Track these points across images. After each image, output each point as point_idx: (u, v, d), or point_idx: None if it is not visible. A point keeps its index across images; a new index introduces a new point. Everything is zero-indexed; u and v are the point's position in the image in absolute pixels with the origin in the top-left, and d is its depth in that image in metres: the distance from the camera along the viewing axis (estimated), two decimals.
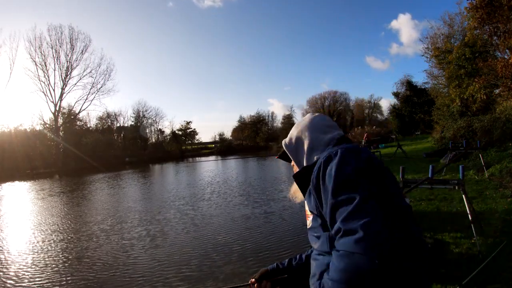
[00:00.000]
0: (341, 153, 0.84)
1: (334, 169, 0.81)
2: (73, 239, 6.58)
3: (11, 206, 11.62)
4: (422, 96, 31.34)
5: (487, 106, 12.93)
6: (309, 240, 1.03)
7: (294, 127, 1.15)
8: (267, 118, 54.54)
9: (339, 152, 0.85)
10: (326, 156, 0.87)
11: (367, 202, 0.73)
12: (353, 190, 0.76)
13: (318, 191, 0.86)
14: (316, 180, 0.86)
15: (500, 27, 9.73)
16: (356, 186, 0.76)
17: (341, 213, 0.75)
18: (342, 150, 0.85)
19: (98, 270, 4.80)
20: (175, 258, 5.08)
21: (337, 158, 0.83)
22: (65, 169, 29.63)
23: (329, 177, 0.81)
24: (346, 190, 0.77)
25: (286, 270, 1.21)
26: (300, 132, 1.09)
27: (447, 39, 17.76)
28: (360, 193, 0.75)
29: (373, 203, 0.74)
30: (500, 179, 6.91)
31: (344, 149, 0.86)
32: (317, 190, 0.86)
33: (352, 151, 0.86)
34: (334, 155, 0.85)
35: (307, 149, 1.04)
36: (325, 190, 0.82)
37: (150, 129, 46.62)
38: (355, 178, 0.78)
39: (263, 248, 5.23)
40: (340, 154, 0.84)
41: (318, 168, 0.86)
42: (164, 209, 8.85)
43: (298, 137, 1.09)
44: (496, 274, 2.96)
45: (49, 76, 34.72)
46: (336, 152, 0.86)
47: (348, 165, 0.81)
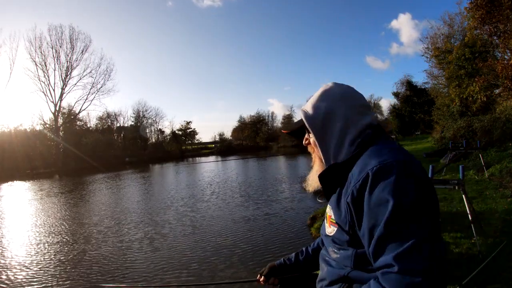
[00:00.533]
0: (398, 170, 0.69)
1: (391, 194, 0.66)
2: (70, 241, 6.48)
3: (10, 206, 11.62)
4: (422, 96, 31.38)
5: (487, 106, 12.92)
6: (323, 243, 0.98)
7: (319, 96, 0.91)
8: (267, 118, 54.61)
9: (396, 169, 0.69)
10: (377, 167, 0.70)
11: (427, 241, 0.64)
12: (411, 223, 0.65)
13: (358, 207, 0.73)
14: (357, 194, 0.72)
15: (500, 27, 9.72)
16: (417, 219, 0.65)
17: (393, 248, 0.65)
18: (400, 166, 0.69)
19: (94, 275, 4.71)
20: (174, 262, 4.97)
21: (393, 177, 0.68)
22: (65, 169, 29.60)
23: (382, 200, 0.68)
24: (404, 222, 0.65)
25: (293, 266, 1.20)
26: (331, 106, 0.87)
27: (447, 39, 17.76)
28: (421, 228, 0.65)
29: (433, 243, 0.65)
30: (500, 179, 6.90)
31: (402, 163, 0.70)
32: (357, 205, 0.73)
33: (410, 169, 0.70)
34: (388, 170, 0.69)
35: (340, 131, 0.84)
36: (373, 213, 0.69)
37: (150, 129, 46.69)
38: (416, 210, 0.66)
39: (265, 251, 5.16)
40: (398, 172, 0.68)
41: (364, 180, 0.71)
42: (163, 210, 8.78)
43: (328, 111, 0.86)
44: (496, 274, 2.95)
45: (49, 76, 34.76)
46: (391, 166, 0.69)
47: (409, 191, 0.67)
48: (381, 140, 0.82)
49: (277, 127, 52.64)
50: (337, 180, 0.81)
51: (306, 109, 0.91)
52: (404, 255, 0.63)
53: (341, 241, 0.84)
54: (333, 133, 0.85)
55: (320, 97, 0.90)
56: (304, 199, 9.19)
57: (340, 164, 0.81)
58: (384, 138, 0.83)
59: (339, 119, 0.84)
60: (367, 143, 0.81)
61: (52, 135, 33.66)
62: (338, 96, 0.88)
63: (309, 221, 6.51)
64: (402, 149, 0.78)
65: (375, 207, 0.68)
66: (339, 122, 0.84)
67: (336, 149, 0.84)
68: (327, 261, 0.91)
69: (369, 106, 0.91)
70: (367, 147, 0.80)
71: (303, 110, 0.92)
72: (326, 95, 0.90)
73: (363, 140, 0.82)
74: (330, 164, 0.85)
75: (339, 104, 0.86)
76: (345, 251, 0.82)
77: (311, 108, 0.90)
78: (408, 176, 0.68)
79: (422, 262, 0.62)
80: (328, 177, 0.84)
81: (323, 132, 0.86)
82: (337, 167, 0.82)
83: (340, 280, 0.84)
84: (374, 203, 0.69)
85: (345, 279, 0.82)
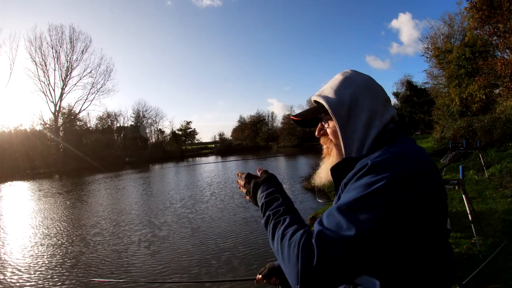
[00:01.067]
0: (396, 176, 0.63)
1: (371, 186, 0.63)
2: (67, 243, 6.41)
3: (10, 206, 11.62)
4: (422, 96, 31.36)
5: (487, 106, 12.91)
6: None
7: (341, 82, 0.83)
8: (267, 118, 54.66)
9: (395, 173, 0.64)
10: (379, 160, 0.67)
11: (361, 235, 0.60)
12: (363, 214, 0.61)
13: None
14: (351, 176, 0.70)
15: (500, 26, 9.72)
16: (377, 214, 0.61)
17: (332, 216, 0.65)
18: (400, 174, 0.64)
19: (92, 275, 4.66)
20: (174, 266, 4.87)
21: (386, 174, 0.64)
22: (65, 169, 29.61)
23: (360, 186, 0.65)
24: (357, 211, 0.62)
25: None
26: (357, 94, 0.80)
27: (447, 39, 17.76)
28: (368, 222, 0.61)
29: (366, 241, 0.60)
30: (500, 179, 6.90)
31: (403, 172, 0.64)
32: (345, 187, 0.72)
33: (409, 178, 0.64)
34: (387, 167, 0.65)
35: (365, 123, 0.78)
36: (347, 192, 0.68)
37: (150, 129, 46.75)
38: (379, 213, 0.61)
39: (268, 255, 5.08)
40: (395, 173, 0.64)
41: (362, 167, 0.68)
42: (163, 212, 8.71)
43: (354, 99, 0.79)
44: (496, 274, 2.95)
45: (49, 76, 34.82)
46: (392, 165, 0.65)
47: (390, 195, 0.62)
48: (400, 139, 0.78)
49: (277, 127, 52.69)
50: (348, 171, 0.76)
51: (328, 95, 0.82)
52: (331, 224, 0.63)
53: None
54: (358, 124, 0.78)
55: (343, 84, 0.82)
56: (304, 199, 9.19)
57: (353, 159, 0.76)
58: (403, 137, 0.79)
59: (365, 110, 0.78)
60: (388, 140, 0.77)
61: (52, 135, 33.68)
62: (362, 85, 0.81)
63: (309, 221, 6.51)
64: (418, 151, 0.73)
65: (350, 189, 0.67)
66: (364, 113, 0.78)
67: (359, 143, 0.78)
68: None
69: (390, 99, 0.86)
70: (386, 144, 0.76)
71: (323, 95, 0.83)
72: (349, 82, 0.82)
73: (386, 136, 0.78)
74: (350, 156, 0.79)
75: (365, 93, 0.80)
76: None
77: (333, 94, 0.81)
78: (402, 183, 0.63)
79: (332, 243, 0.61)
80: (341, 170, 0.78)
81: (347, 121, 0.79)
82: (352, 161, 0.76)
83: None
84: (353, 186, 0.67)
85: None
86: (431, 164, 0.72)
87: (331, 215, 0.66)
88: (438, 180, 0.71)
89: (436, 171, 0.72)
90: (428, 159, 0.73)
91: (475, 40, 12.51)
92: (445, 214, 0.72)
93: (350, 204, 0.64)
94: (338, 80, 0.84)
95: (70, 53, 35.53)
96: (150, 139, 46.30)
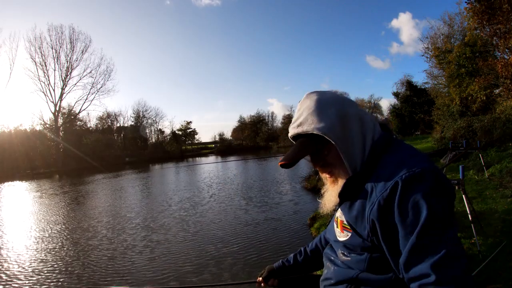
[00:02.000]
0: (430, 179, 0.67)
1: (425, 203, 0.64)
2: (62, 247, 6.34)
3: (10, 207, 11.62)
4: (422, 96, 31.36)
5: (487, 106, 12.91)
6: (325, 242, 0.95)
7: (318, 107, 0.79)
8: (267, 118, 54.65)
9: (427, 177, 0.67)
10: (407, 176, 0.67)
11: (461, 251, 0.64)
12: (445, 232, 0.64)
13: (385, 216, 0.69)
14: (384, 203, 0.68)
15: (500, 27, 9.72)
16: (447, 227, 0.65)
17: (429, 257, 0.63)
18: (430, 175, 0.67)
19: (91, 279, 4.62)
20: (173, 270, 4.79)
21: (425, 185, 0.66)
22: (65, 169, 29.61)
23: (415, 209, 0.65)
24: (438, 231, 0.64)
25: (292, 267, 1.19)
26: (340, 110, 0.79)
27: (447, 39, 17.77)
28: (451, 235, 0.64)
29: (461, 247, 0.65)
30: (500, 179, 6.89)
31: (431, 172, 0.68)
32: (383, 215, 0.69)
33: (439, 178, 0.68)
34: (419, 179, 0.67)
35: (360, 133, 0.78)
36: (405, 222, 0.66)
37: (150, 129, 46.76)
38: (448, 219, 0.65)
39: (268, 257, 5.01)
40: (430, 181, 0.67)
41: (393, 189, 0.68)
42: (161, 214, 8.62)
43: (340, 116, 0.78)
44: (496, 274, 2.95)
45: (49, 76, 34.84)
46: (422, 175, 0.67)
47: (441, 201, 0.66)
48: (394, 141, 0.79)
49: (277, 127, 52.67)
50: (356, 187, 0.76)
51: (313, 125, 0.77)
52: (440, 264, 0.62)
53: (355, 246, 0.81)
54: (355, 136, 0.78)
55: (320, 106, 0.79)
56: (304, 199, 9.19)
57: (360, 174, 0.76)
58: (395, 139, 0.81)
59: (354, 120, 0.78)
60: (384, 144, 0.78)
61: (52, 135, 33.67)
62: (337, 98, 0.81)
63: (309, 221, 6.51)
64: (420, 153, 0.76)
65: (407, 217, 0.66)
66: (355, 123, 0.78)
67: (362, 154, 0.78)
68: (333, 261, 0.89)
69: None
70: (385, 150, 0.77)
71: (314, 127, 0.77)
72: (325, 102, 0.80)
73: (380, 140, 0.78)
74: (356, 171, 0.78)
75: (345, 104, 0.80)
76: (358, 255, 0.80)
77: (319, 121, 0.77)
78: (439, 185, 0.67)
79: (459, 271, 0.62)
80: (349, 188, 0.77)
81: (345, 139, 0.77)
82: (357, 177, 0.76)
83: (347, 281, 0.82)
84: (406, 212, 0.66)
85: (354, 280, 0.80)
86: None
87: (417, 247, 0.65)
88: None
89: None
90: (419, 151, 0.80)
91: (475, 40, 12.51)
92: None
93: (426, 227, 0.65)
94: (313, 106, 0.80)
95: (70, 53, 35.60)
96: (150, 139, 46.32)
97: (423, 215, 0.64)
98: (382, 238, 0.71)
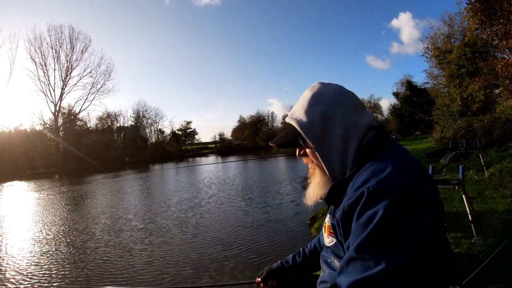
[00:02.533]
0: (394, 196, 0.61)
1: (376, 219, 0.60)
2: (61, 247, 6.27)
3: (9, 207, 11.62)
4: (422, 96, 31.41)
5: (487, 106, 12.91)
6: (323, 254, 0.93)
7: (309, 100, 0.81)
8: (267, 118, 54.59)
9: (392, 193, 0.61)
10: (374, 188, 0.63)
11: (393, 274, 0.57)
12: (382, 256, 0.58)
13: (346, 223, 0.69)
14: (348, 210, 0.67)
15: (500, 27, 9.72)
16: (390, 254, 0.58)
17: (352, 273, 0.62)
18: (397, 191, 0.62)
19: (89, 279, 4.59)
20: (172, 270, 4.73)
21: (385, 201, 0.61)
22: (65, 169, 29.62)
23: (367, 222, 0.62)
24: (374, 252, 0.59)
25: (291, 268, 1.20)
26: (327, 109, 0.78)
27: (447, 39, 17.79)
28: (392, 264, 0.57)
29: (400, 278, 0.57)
30: (500, 179, 6.90)
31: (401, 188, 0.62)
32: (345, 221, 0.69)
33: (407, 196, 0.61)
34: (384, 194, 0.62)
35: (342, 138, 0.76)
36: (355, 233, 0.64)
37: (150, 129, 46.74)
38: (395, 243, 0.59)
39: (267, 257, 4.94)
40: (393, 199, 0.61)
41: (357, 198, 0.65)
42: (161, 215, 8.56)
43: (325, 116, 0.77)
44: (496, 274, 2.95)
45: (49, 76, 34.85)
46: (388, 190, 0.62)
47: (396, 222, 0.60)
48: (384, 146, 0.75)
49: (277, 127, 52.67)
50: (340, 192, 0.75)
51: (299, 117, 0.81)
52: (356, 285, 0.60)
53: (338, 251, 0.80)
54: (335, 140, 0.76)
55: (312, 102, 0.80)
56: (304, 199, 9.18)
57: (342, 181, 0.74)
58: (388, 142, 0.77)
59: (339, 123, 0.76)
60: (371, 150, 0.74)
61: (52, 135, 33.68)
62: (331, 97, 0.79)
63: (309, 221, 6.51)
64: (406, 159, 0.71)
65: (358, 228, 0.63)
66: (339, 127, 0.76)
67: (341, 159, 0.76)
68: (329, 264, 0.88)
69: (364, 104, 0.83)
70: (371, 155, 0.73)
71: (295, 118, 0.81)
72: (317, 99, 0.80)
73: (367, 146, 0.75)
74: (335, 175, 0.78)
75: (335, 106, 0.78)
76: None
77: (304, 115, 0.80)
78: (404, 204, 0.61)
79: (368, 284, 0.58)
80: (333, 195, 0.77)
81: (323, 140, 0.77)
82: (342, 183, 0.74)
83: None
84: (359, 223, 0.63)
85: None
86: (419, 164, 0.72)
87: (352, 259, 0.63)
88: (432, 180, 0.71)
89: (426, 171, 0.71)
90: (415, 159, 0.73)
91: (475, 40, 12.52)
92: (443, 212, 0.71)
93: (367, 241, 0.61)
94: (307, 99, 0.82)
95: (70, 53, 35.62)
96: (150, 139, 46.31)
97: (367, 230, 0.61)
98: (344, 241, 0.71)
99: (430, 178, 0.71)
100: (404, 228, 0.59)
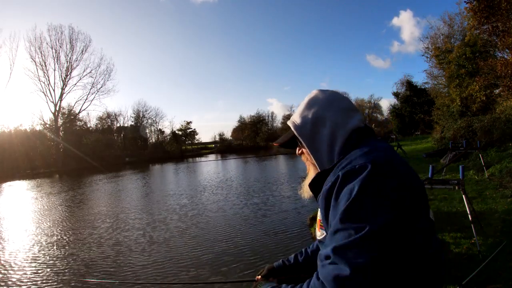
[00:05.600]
0: (367, 172, 0.67)
1: (351, 192, 0.66)
2: (61, 244, 6.29)
3: (9, 207, 11.62)
4: (422, 96, 31.43)
5: (487, 106, 12.92)
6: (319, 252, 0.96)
7: (305, 104, 0.91)
8: (267, 118, 54.59)
9: (365, 171, 0.67)
10: (348, 170, 0.70)
11: (373, 239, 0.61)
12: (364, 220, 0.63)
13: (327, 205, 0.74)
14: (327, 193, 0.73)
15: (499, 25, 9.73)
16: (371, 216, 0.63)
17: (336, 241, 0.66)
18: (374, 167, 0.67)
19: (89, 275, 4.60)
20: (172, 267, 4.73)
21: (359, 177, 0.67)
22: (65, 169, 29.62)
23: (346, 196, 0.67)
24: (352, 220, 0.64)
25: (293, 267, 1.19)
26: (318, 112, 0.87)
27: (447, 39, 17.80)
28: (372, 225, 0.62)
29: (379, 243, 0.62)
30: (500, 179, 6.90)
31: (377, 165, 0.68)
32: (326, 204, 0.74)
33: (385, 172, 0.68)
34: (357, 172, 0.68)
35: (329, 136, 0.83)
36: (336, 209, 0.69)
37: (150, 129, 46.70)
38: (374, 207, 0.64)
39: (267, 256, 4.92)
40: (366, 174, 0.67)
41: (334, 181, 0.71)
42: (160, 214, 8.56)
43: (315, 117, 0.86)
44: (496, 274, 2.95)
45: (49, 76, 34.82)
46: (361, 168, 0.68)
47: (376, 191, 0.65)
48: (363, 143, 0.81)
49: (277, 127, 52.70)
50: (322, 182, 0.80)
51: (294, 120, 0.91)
52: (342, 248, 0.63)
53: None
54: (323, 139, 0.84)
55: (307, 105, 0.90)
56: (304, 199, 9.18)
57: (326, 171, 0.80)
58: (369, 139, 0.83)
59: (328, 124, 0.84)
60: (353, 146, 0.80)
61: (52, 135, 33.67)
62: (324, 101, 0.89)
63: (309, 221, 6.51)
64: (381, 150, 0.76)
65: (338, 204, 0.69)
66: (327, 127, 0.84)
67: (328, 155, 0.84)
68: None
69: (356, 108, 0.91)
70: (353, 149, 0.79)
71: (292, 121, 0.92)
72: (312, 103, 0.90)
73: (350, 143, 0.81)
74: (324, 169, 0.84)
75: (326, 109, 0.86)
76: None
77: (298, 118, 0.90)
78: (375, 180, 0.66)
79: (361, 257, 0.61)
80: (317, 184, 0.83)
81: (312, 139, 0.86)
82: (325, 173, 0.81)
83: None
84: (338, 199, 0.69)
85: None
86: (398, 156, 0.77)
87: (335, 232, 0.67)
88: (410, 168, 0.74)
89: (405, 163, 0.76)
90: (394, 153, 0.78)
91: (475, 40, 12.53)
92: (426, 203, 0.74)
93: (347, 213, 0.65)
94: (303, 104, 0.93)
95: (70, 53, 35.58)
96: (150, 139, 46.30)
97: (344, 203, 0.66)
98: (327, 224, 0.75)
99: (408, 165, 0.76)
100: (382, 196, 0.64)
